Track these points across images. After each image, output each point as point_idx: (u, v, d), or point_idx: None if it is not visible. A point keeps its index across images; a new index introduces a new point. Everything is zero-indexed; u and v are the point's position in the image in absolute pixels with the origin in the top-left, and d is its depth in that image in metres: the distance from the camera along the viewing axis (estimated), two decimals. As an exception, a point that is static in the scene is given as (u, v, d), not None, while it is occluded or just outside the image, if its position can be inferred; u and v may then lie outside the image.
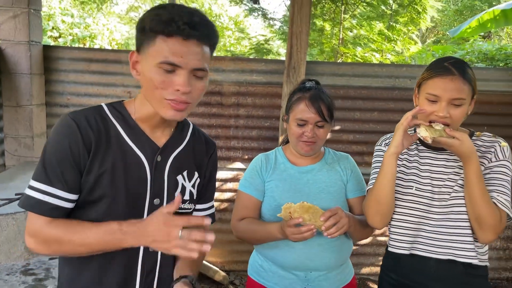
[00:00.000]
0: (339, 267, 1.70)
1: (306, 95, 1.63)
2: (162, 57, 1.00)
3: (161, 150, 1.15)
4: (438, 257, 1.51)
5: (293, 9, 3.23)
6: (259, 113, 3.50)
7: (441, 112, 1.39)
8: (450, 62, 1.43)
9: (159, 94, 1.03)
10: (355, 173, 1.76)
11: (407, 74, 3.47)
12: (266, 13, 7.89)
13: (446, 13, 14.49)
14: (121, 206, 1.09)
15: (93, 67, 3.43)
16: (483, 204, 1.38)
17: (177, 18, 0.99)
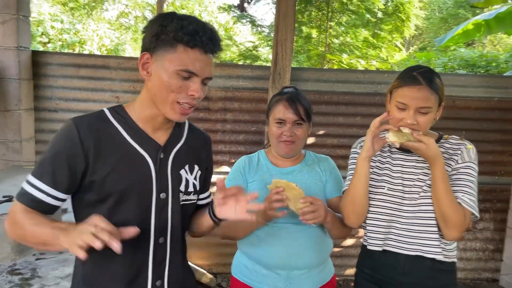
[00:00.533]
0: (320, 265, 1.77)
1: (284, 97, 1.72)
2: (182, 65, 1.10)
3: (163, 147, 1.23)
4: (407, 253, 1.59)
5: (278, 17, 3.33)
6: (245, 118, 3.58)
7: (409, 119, 1.47)
8: (419, 72, 1.51)
9: (173, 97, 1.13)
10: (334, 174, 1.84)
11: (389, 80, 3.57)
12: (254, 20, 7.99)
13: (431, 21, 14.75)
14: (130, 202, 1.17)
15: (82, 72, 3.48)
16: (448, 204, 1.47)
17: (201, 33, 1.10)
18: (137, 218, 1.18)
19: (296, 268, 1.69)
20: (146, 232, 1.19)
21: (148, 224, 1.20)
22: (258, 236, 1.71)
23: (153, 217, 1.21)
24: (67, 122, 1.15)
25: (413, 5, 6.96)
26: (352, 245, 3.79)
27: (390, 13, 6.83)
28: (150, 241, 1.21)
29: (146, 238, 1.20)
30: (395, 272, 1.62)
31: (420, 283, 1.59)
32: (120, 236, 0.99)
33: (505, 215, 3.73)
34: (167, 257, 1.26)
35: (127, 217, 1.17)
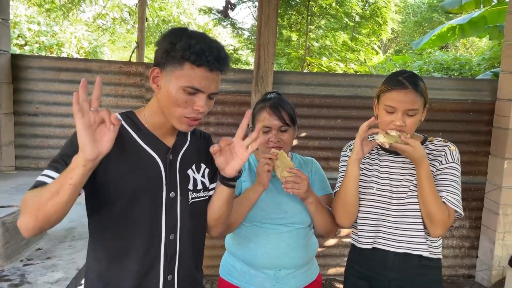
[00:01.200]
0: (306, 265, 1.81)
1: (267, 104, 1.75)
2: (188, 82, 1.17)
3: (172, 149, 1.31)
4: (396, 250, 1.66)
5: (260, 21, 3.37)
6: (228, 121, 3.61)
7: (397, 121, 1.56)
8: (404, 76, 1.61)
9: (180, 111, 1.21)
10: (319, 174, 1.89)
11: (368, 84, 3.67)
12: (235, 23, 8.03)
13: (406, 24, 15.09)
14: (142, 201, 1.23)
15: (63, 76, 3.45)
16: (433, 203, 1.55)
17: (207, 53, 1.16)
18: (148, 215, 1.25)
19: (283, 268, 1.73)
20: (158, 229, 1.26)
21: (159, 221, 1.27)
22: (245, 236, 1.75)
23: (164, 215, 1.27)
24: None
25: (389, 9, 7.13)
26: (334, 245, 3.86)
27: (368, 17, 6.98)
28: (162, 238, 1.27)
29: (158, 235, 1.26)
30: (385, 269, 1.69)
31: (408, 279, 1.67)
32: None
33: (479, 213, 3.87)
34: (177, 253, 1.31)
35: (139, 215, 1.23)
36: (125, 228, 1.24)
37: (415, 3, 16.13)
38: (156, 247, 1.27)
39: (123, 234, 1.24)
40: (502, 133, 3.62)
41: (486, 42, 10.45)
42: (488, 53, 7.07)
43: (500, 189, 3.61)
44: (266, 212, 1.72)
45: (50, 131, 3.50)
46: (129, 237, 1.24)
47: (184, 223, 1.32)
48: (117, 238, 1.24)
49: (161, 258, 1.28)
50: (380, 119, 1.62)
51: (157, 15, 13.51)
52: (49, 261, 1.84)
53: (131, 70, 3.51)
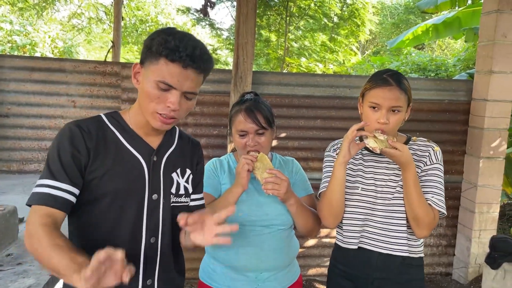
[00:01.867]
0: (287, 266, 1.79)
1: (243, 107, 1.71)
2: (161, 76, 1.15)
3: (156, 151, 1.30)
4: (379, 250, 1.67)
5: (238, 21, 3.34)
6: (207, 122, 3.57)
7: (381, 118, 1.56)
8: (388, 74, 1.62)
9: (152, 107, 1.19)
10: (300, 175, 1.88)
11: (346, 84, 3.68)
12: (213, 23, 7.99)
13: (384, 26, 15.32)
14: (124, 202, 1.21)
15: (35, 76, 3.35)
16: (419, 206, 1.57)
17: (181, 49, 1.14)
18: (130, 217, 1.23)
19: (265, 270, 1.71)
20: (138, 232, 1.25)
21: (141, 223, 1.25)
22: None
23: (145, 217, 1.26)
24: (66, 125, 1.20)
25: (367, 10, 7.20)
26: (314, 245, 3.86)
27: (346, 18, 7.04)
28: (142, 240, 1.25)
29: (138, 237, 1.25)
30: (369, 269, 1.69)
31: (392, 278, 1.68)
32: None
33: (456, 212, 3.93)
34: (157, 257, 1.29)
35: (121, 216, 1.21)
36: (106, 229, 1.21)
37: (392, 5, 16.40)
38: (136, 250, 1.25)
39: (103, 236, 1.21)
40: (477, 132, 3.68)
41: (461, 43, 10.69)
42: (463, 54, 7.22)
43: (476, 188, 3.67)
44: (246, 214, 1.70)
45: (22, 133, 3.39)
46: (109, 239, 1.19)
47: (166, 226, 1.31)
48: (97, 240, 1.20)
49: (140, 262, 1.26)
50: (365, 117, 1.63)
51: (134, 14, 13.33)
52: (20, 267, 1.77)
53: (107, 70, 3.43)
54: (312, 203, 1.85)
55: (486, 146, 3.62)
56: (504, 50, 3.50)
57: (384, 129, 1.57)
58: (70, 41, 9.80)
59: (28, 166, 3.39)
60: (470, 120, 3.79)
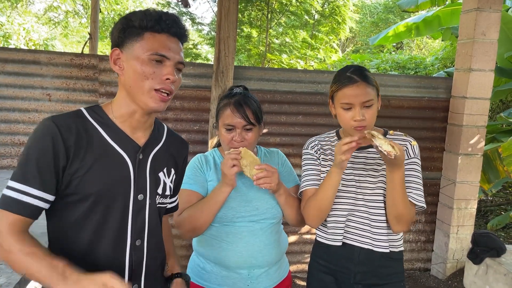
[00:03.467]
0: (278, 262, 1.77)
1: (232, 101, 1.67)
2: (153, 49, 1.11)
3: (142, 148, 1.22)
4: (361, 245, 1.68)
5: (220, 14, 3.29)
6: (188, 117, 3.50)
7: (357, 116, 1.55)
8: (351, 71, 1.60)
9: (149, 84, 1.12)
10: (286, 166, 1.86)
11: (328, 80, 3.64)
12: (194, 17, 7.90)
13: (363, 25, 15.46)
14: (108, 202, 1.13)
15: (9, 68, 3.22)
16: (403, 205, 1.57)
17: (165, 18, 1.13)
18: (114, 218, 1.15)
19: (256, 267, 1.68)
20: (123, 234, 1.17)
21: (125, 225, 1.18)
22: (216, 236, 1.68)
23: (130, 219, 1.18)
24: (43, 122, 1.10)
25: (348, 8, 7.24)
26: (295, 242, 3.85)
27: (327, 15, 7.05)
28: (127, 243, 1.18)
29: (123, 240, 1.17)
30: (351, 263, 1.69)
31: (373, 271, 1.68)
32: None
33: (435, 208, 3.98)
34: (143, 260, 1.22)
35: (105, 218, 1.14)
36: (89, 231, 1.13)
37: (372, 4, 16.56)
38: (120, 254, 1.17)
39: (86, 238, 1.13)
40: (456, 129, 3.73)
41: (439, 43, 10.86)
42: (441, 53, 7.34)
43: (455, 184, 3.72)
44: (236, 211, 1.66)
45: (-6, 127, 3.26)
46: (92, 242, 1.13)
47: (152, 228, 1.24)
48: (80, 242, 1.13)
49: (126, 266, 1.18)
50: (340, 118, 1.62)
51: (113, 8, 13.08)
52: (-10, 267, 1.70)
53: (84, 63, 3.33)
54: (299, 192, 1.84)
55: (465, 143, 3.67)
56: (483, 48, 3.55)
57: (362, 124, 1.55)
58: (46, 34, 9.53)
59: (1, 162, 3.26)
60: (449, 118, 3.83)
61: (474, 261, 3.35)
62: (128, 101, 1.17)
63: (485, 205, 6.02)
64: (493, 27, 3.52)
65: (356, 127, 1.57)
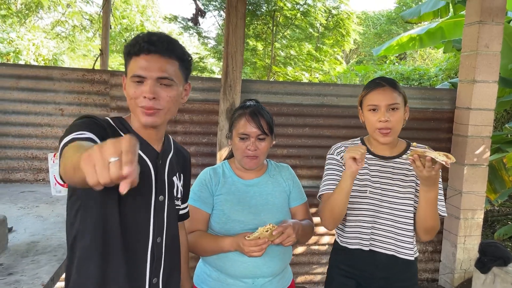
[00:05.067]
0: (282, 272, 1.81)
1: (247, 111, 1.75)
2: (132, 72, 1.22)
3: (161, 154, 1.35)
4: (385, 251, 1.75)
5: (228, 30, 3.37)
6: (196, 130, 3.57)
7: (382, 117, 1.65)
8: (381, 78, 1.74)
9: (134, 103, 1.24)
10: (296, 183, 1.91)
11: (334, 92, 3.74)
12: (200, 31, 8.01)
13: (367, 36, 15.58)
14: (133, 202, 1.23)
15: (22, 84, 3.31)
16: (434, 219, 1.66)
17: (139, 40, 1.21)
18: (138, 217, 1.26)
19: (261, 276, 1.72)
20: (146, 231, 1.28)
21: (148, 223, 1.28)
22: None
23: (152, 218, 1.29)
24: (84, 116, 1.24)
25: (352, 20, 7.33)
26: (302, 253, 3.87)
27: (331, 28, 7.14)
28: (149, 240, 1.29)
29: (146, 237, 1.28)
30: (375, 268, 1.77)
31: (396, 276, 1.77)
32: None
33: (442, 218, 3.99)
34: (162, 256, 1.33)
35: (130, 216, 1.23)
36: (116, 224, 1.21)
37: (375, 16, 16.70)
38: (143, 249, 1.28)
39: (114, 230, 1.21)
40: (461, 140, 3.77)
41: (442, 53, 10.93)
42: (444, 64, 7.39)
43: (461, 194, 3.75)
44: (245, 224, 1.71)
45: (8, 141, 3.33)
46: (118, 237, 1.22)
47: (170, 227, 1.36)
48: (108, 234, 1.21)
49: (147, 261, 1.29)
50: (366, 121, 1.72)
51: (119, 23, 13.28)
52: (11, 277, 1.73)
53: (95, 78, 3.41)
54: (307, 210, 1.88)
55: (470, 154, 3.70)
56: (487, 60, 3.61)
57: (387, 126, 1.65)
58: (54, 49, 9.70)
59: (14, 175, 3.33)
60: (454, 128, 3.87)
61: (482, 270, 3.36)
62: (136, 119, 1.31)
63: (492, 215, 6.02)
64: (496, 40, 3.58)
65: (381, 128, 1.65)
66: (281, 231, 1.58)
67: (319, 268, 3.90)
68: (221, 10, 7.04)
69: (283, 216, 1.76)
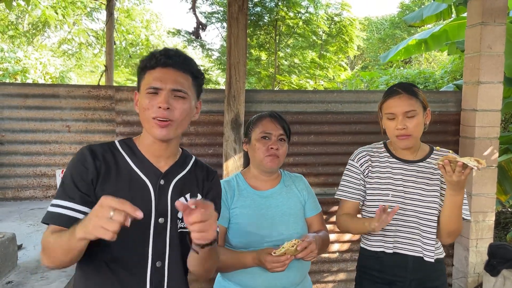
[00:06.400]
0: (301, 282, 1.80)
1: (267, 114, 1.80)
2: (147, 84, 1.25)
3: (164, 175, 1.32)
4: (413, 254, 1.78)
5: (230, 41, 3.40)
6: (202, 141, 3.59)
7: (399, 125, 1.69)
8: (398, 85, 1.76)
9: (147, 114, 1.24)
10: (310, 193, 1.90)
11: (338, 99, 3.74)
12: (204, 44, 8.08)
13: (371, 41, 15.58)
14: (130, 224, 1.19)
15: (29, 102, 3.36)
16: (458, 223, 1.68)
17: (156, 54, 1.26)
18: (136, 240, 1.24)
19: (281, 287, 1.72)
20: (144, 255, 1.25)
21: (146, 247, 1.26)
22: None
23: (151, 241, 1.26)
24: (80, 149, 1.28)
25: (355, 26, 7.35)
26: (312, 261, 3.84)
27: (334, 35, 7.16)
28: (148, 264, 1.26)
29: (144, 261, 1.25)
30: (405, 272, 1.78)
31: (426, 277, 1.79)
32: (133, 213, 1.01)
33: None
34: (164, 282, 1.29)
35: (127, 239, 1.21)
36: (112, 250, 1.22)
37: (378, 21, 16.72)
38: (141, 274, 1.25)
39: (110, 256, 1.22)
40: (468, 142, 3.74)
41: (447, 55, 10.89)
42: (449, 66, 7.36)
43: (471, 197, 3.71)
44: (262, 236, 1.71)
45: (16, 160, 3.38)
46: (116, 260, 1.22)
47: (173, 251, 1.30)
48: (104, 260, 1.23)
49: (147, 285, 1.25)
50: (386, 128, 1.77)
51: (125, 38, 13.45)
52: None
53: (100, 94, 3.46)
54: (322, 220, 1.90)
55: (478, 155, 3.67)
56: (490, 61, 3.59)
57: (405, 133, 1.68)
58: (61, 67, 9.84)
59: (23, 193, 3.37)
60: (461, 130, 3.85)
61: (491, 273, 3.32)
62: (147, 134, 1.30)
63: (505, 216, 5.93)
64: (499, 40, 3.57)
65: (399, 136, 1.70)
66: (305, 246, 1.57)
67: (330, 276, 3.87)
68: (223, 22, 7.11)
69: (300, 227, 1.76)
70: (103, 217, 0.97)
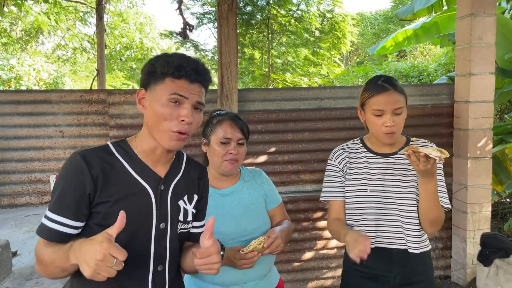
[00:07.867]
0: (268, 273, 1.84)
1: (226, 117, 1.78)
2: (171, 90, 1.18)
3: (164, 180, 1.29)
4: (397, 247, 1.77)
5: (220, 41, 3.40)
6: (196, 142, 3.58)
7: (388, 122, 1.66)
8: (382, 80, 1.73)
9: (166, 125, 1.19)
10: (270, 185, 1.93)
11: (331, 95, 3.74)
12: (197, 44, 8.07)
13: (365, 37, 15.59)
14: (132, 231, 1.20)
15: (22, 109, 3.36)
16: (436, 211, 1.66)
17: (185, 65, 1.19)
18: (138, 246, 1.23)
19: (249, 281, 1.75)
20: (146, 260, 1.25)
21: (148, 252, 1.25)
22: None
23: (153, 246, 1.26)
24: (72, 156, 1.20)
25: (347, 22, 7.34)
26: (311, 258, 3.85)
27: (327, 31, 7.16)
28: (150, 269, 1.26)
29: (146, 266, 1.25)
30: (390, 265, 1.78)
31: (411, 270, 1.78)
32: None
33: (449, 214, 3.96)
34: (166, 284, 1.30)
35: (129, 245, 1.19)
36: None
37: (372, 16, 16.73)
38: (144, 278, 1.25)
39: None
40: (462, 134, 3.75)
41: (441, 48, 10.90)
42: (443, 59, 7.37)
43: (466, 188, 3.72)
44: (227, 234, 1.73)
45: (11, 167, 3.37)
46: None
47: (173, 254, 1.32)
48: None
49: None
50: (370, 124, 1.73)
51: (119, 42, 13.43)
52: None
53: (93, 98, 3.45)
54: (283, 210, 1.94)
55: (473, 147, 3.68)
56: (481, 52, 3.59)
57: (392, 131, 1.66)
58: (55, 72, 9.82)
59: (19, 200, 3.37)
60: (454, 122, 3.85)
61: (484, 263, 3.33)
62: (150, 138, 1.24)
63: (503, 207, 5.94)
64: (489, 31, 3.57)
65: (387, 132, 1.67)
66: (271, 242, 1.63)
67: (329, 272, 3.88)
68: (215, 22, 7.10)
69: (263, 220, 1.79)
70: (103, 266, 0.98)
